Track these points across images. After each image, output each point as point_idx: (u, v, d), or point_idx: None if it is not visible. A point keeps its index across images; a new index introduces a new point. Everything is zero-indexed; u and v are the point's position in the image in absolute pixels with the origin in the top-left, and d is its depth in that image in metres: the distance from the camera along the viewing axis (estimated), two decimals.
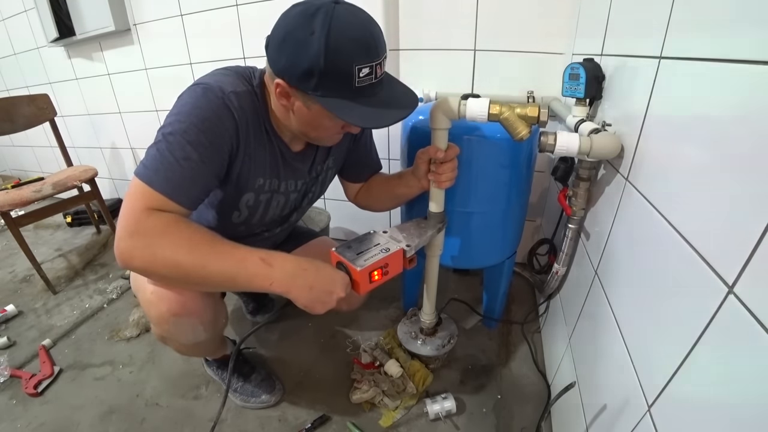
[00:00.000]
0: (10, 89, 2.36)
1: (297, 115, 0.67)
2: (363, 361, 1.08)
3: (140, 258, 0.58)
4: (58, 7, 1.74)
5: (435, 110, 0.73)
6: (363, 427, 0.93)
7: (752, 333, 0.31)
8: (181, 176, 0.61)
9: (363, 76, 0.59)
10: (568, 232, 0.86)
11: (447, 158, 0.76)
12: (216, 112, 0.63)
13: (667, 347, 0.45)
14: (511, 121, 0.68)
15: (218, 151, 0.64)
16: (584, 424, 0.68)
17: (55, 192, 1.50)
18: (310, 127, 0.69)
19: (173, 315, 0.71)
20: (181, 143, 0.60)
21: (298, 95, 0.63)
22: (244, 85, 0.68)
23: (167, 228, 0.59)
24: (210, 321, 0.79)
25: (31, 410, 1.01)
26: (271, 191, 0.79)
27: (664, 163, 0.51)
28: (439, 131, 0.75)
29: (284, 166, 0.78)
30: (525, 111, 0.67)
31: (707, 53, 0.42)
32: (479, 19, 1.18)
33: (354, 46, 0.57)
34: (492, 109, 0.68)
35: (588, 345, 0.75)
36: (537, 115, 0.66)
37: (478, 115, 0.70)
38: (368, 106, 0.62)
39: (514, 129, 0.68)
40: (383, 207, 0.99)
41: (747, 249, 0.32)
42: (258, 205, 0.79)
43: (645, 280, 0.54)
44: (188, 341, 0.80)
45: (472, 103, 0.70)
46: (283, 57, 0.60)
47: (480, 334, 1.20)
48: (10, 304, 1.39)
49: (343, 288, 0.65)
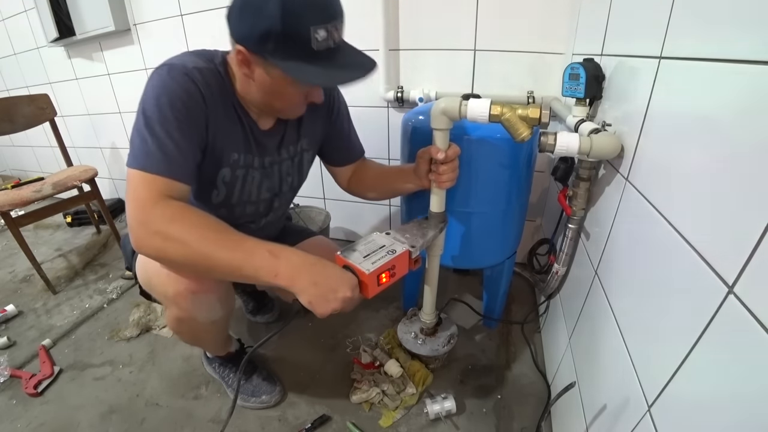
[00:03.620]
0: (10, 89, 2.36)
1: (258, 84, 0.68)
2: (363, 361, 1.08)
3: (151, 246, 0.61)
4: (58, 7, 1.74)
5: (436, 111, 0.73)
6: (363, 427, 0.93)
7: (752, 333, 0.31)
8: (170, 154, 0.63)
9: (320, 39, 0.61)
10: (568, 232, 0.87)
11: (448, 159, 0.76)
12: (183, 87, 0.65)
13: (667, 347, 0.45)
14: (513, 122, 0.68)
15: (195, 123, 0.67)
16: (584, 424, 0.68)
17: (55, 192, 1.50)
18: (273, 96, 0.70)
19: (191, 292, 0.72)
20: (160, 124, 0.62)
21: (258, 62, 0.64)
22: (206, 63, 0.69)
23: (175, 216, 0.61)
24: (224, 298, 0.81)
25: (31, 410, 1.01)
26: (246, 166, 0.79)
27: (664, 163, 0.51)
28: (440, 132, 0.75)
29: (255, 143, 0.78)
30: (526, 112, 0.67)
31: (707, 53, 0.42)
32: (479, 19, 1.18)
33: (309, 8, 0.59)
34: (493, 110, 0.68)
35: (588, 345, 0.75)
36: (538, 117, 0.66)
37: (479, 116, 0.69)
38: (325, 68, 0.63)
39: (515, 130, 0.68)
40: (377, 198, 0.99)
41: (747, 249, 0.32)
42: (235, 180, 0.79)
43: (645, 280, 0.54)
44: (206, 319, 0.80)
45: (474, 103, 0.70)
46: (243, 23, 0.62)
47: (480, 334, 1.20)
48: (10, 304, 1.39)
49: (350, 288, 0.64)
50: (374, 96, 1.37)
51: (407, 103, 1.35)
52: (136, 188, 0.62)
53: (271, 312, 1.29)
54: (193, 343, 0.96)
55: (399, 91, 1.32)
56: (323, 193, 1.69)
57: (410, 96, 1.31)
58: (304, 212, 1.58)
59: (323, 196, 1.69)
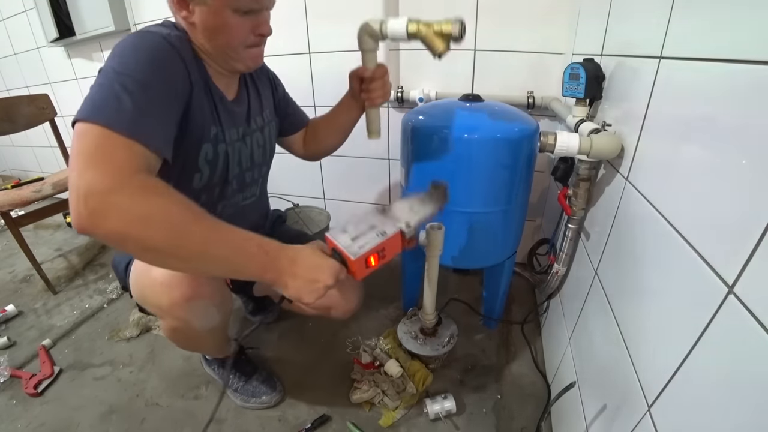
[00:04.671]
0: (10, 89, 2.36)
1: (200, 25, 0.64)
2: (363, 361, 1.08)
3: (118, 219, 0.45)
4: (58, 7, 1.74)
5: (361, 33, 0.78)
6: (363, 427, 0.93)
7: (752, 333, 0.31)
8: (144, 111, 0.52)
9: None
10: (568, 232, 0.87)
11: (376, 76, 0.81)
12: (165, 51, 0.60)
13: (667, 347, 0.45)
14: (429, 38, 0.72)
15: (174, 91, 0.60)
16: (584, 424, 0.68)
17: (55, 192, 1.50)
18: (216, 35, 0.66)
19: (186, 300, 0.70)
20: (140, 83, 0.53)
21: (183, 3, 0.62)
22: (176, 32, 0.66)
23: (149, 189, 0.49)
24: (221, 303, 0.79)
25: (31, 410, 1.01)
26: (225, 141, 0.76)
27: (664, 163, 0.51)
28: (367, 52, 0.80)
29: (225, 113, 0.76)
30: (440, 27, 0.71)
31: (707, 53, 0.42)
32: (479, 19, 1.18)
33: None
34: (410, 28, 0.73)
35: (588, 345, 0.75)
36: (450, 30, 0.70)
37: (398, 34, 0.74)
38: None
39: (432, 45, 0.72)
40: (332, 144, 1.00)
41: (747, 249, 0.32)
42: (217, 158, 0.76)
43: (645, 280, 0.54)
44: (203, 326, 0.78)
45: (392, 23, 0.75)
46: None
47: (480, 334, 1.20)
48: (10, 304, 1.39)
49: (331, 276, 0.58)
50: None
51: (407, 103, 1.35)
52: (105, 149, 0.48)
53: (270, 312, 1.29)
54: (191, 350, 0.96)
55: (399, 91, 1.32)
56: (323, 193, 1.69)
57: (410, 96, 1.31)
58: (304, 212, 1.58)
59: (323, 196, 1.69)
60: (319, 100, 1.46)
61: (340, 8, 1.27)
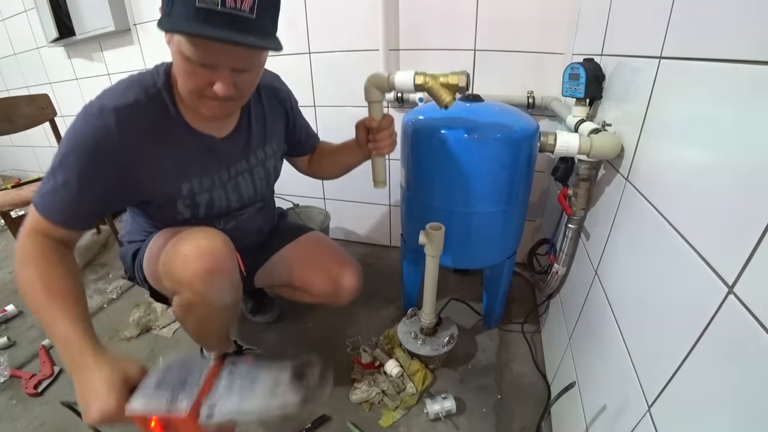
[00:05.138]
0: (10, 89, 2.36)
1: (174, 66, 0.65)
2: (363, 361, 1.08)
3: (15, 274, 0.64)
4: (58, 7, 1.74)
5: (368, 85, 0.79)
6: (363, 427, 0.93)
7: (752, 333, 0.31)
8: (62, 200, 0.65)
9: None
10: (568, 232, 0.87)
11: (382, 127, 0.82)
12: (93, 134, 0.64)
13: (667, 347, 0.45)
14: (436, 90, 0.73)
15: (100, 173, 0.66)
16: (584, 424, 0.68)
17: None
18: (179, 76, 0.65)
19: (209, 272, 0.71)
20: (63, 169, 0.64)
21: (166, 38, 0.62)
22: (139, 94, 0.67)
23: (28, 258, 0.63)
24: (236, 283, 0.81)
25: (31, 410, 1.01)
26: (208, 189, 0.79)
27: (664, 163, 0.51)
28: (373, 104, 0.81)
29: (215, 157, 0.77)
30: (447, 80, 0.72)
31: (707, 53, 0.42)
32: (479, 19, 1.18)
33: None
34: (417, 80, 0.73)
35: (588, 345, 0.75)
36: (457, 83, 0.72)
37: (405, 86, 0.75)
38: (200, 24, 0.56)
39: (439, 97, 0.73)
40: (333, 175, 1.04)
41: (747, 249, 0.32)
42: (197, 205, 0.79)
43: (645, 280, 0.54)
44: (217, 301, 0.79)
45: (400, 75, 0.75)
46: None
47: (480, 334, 1.20)
48: (10, 304, 1.39)
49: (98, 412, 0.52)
50: None
51: (407, 103, 1.35)
52: (27, 221, 0.66)
53: (270, 312, 1.29)
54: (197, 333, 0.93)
55: (399, 91, 1.32)
56: (323, 193, 1.69)
57: (410, 96, 1.31)
58: (304, 212, 1.58)
59: (323, 196, 1.69)
60: (319, 100, 1.46)
61: (340, 8, 1.28)
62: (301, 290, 1.01)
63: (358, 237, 1.77)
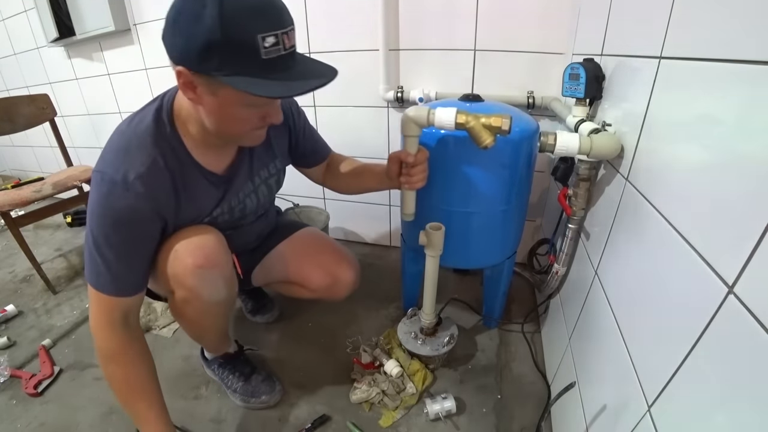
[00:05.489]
0: (10, 89, 2.36)
1: (207, 108, 0.62)
2: (363, 361, 1.08)
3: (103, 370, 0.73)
4: (58, 7, 1.74)
5: (406, 119, 0.77)
6: (363, 427, 0.93)
7: (752, 333, 0.31)
8: (118, 274, 0.68)
9: (269, 46, 0.54)
10: (568, 232, 0.86)
11: (417, 162, 0.81)
12: (128, 208, 0.65)
13: (667, 347, 0.45)
14: (477, 131, 0.72)
15: (144, 235, 0.70)
16: (584, 424, 0.68)
17: (55, 192, 1.50)
18: (226, 122, 0.64)
19: (198, 267, 0.73)
20: (109, 246, 0.66)
21: (202, 82, 0.58)
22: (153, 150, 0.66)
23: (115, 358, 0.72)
24: (229, 278, 0.82)
25: (31, 410, 1.01)
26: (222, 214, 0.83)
27: (665, 163, 0.51)
28: (410, 138, 0.80)
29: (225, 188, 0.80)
30: (489, 121, 0.71)
31: (707, 53, 0.42)
32: (479, 19, 1.18)
33: (252, 13, 0.52)
34: (458, 119, 0.72)
35: (588, 345, 0.75)
36: (500, 125, 0.71)
37: (446, 124, 0.73)
38: (280, 80, 0.56)
39: (479, 138, 0.72)
40: (350, 193, 1.04)
41: (747, 249, 0.32)
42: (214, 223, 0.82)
43: (645, 280, 0.54)
44: (211, 297, 0.80)
45: (441, 112, 0.73)
46: (179, 39, 0.55)
47: (480, 334, 1.20)
48: (10, 304, 1.39)
49: None
50: (374, 96, 1.37)
51: (407, 103, 1.35)
52: (92, 303, 0.70)
53: (270, 312, 1.29)
54: (195, 332, 0.93)
55: (399, 91, 1.32)
56: (323, 193, 1.69)
57: (410, 96, 1.31)
58: (304, 212, 1.58)
59: (323, 196, 1.69)
60: (319, 100, 1.46)
61: (340, 8, 1.28)
62: (298, 286, 1.02)
63: (358, 237, 1.77)
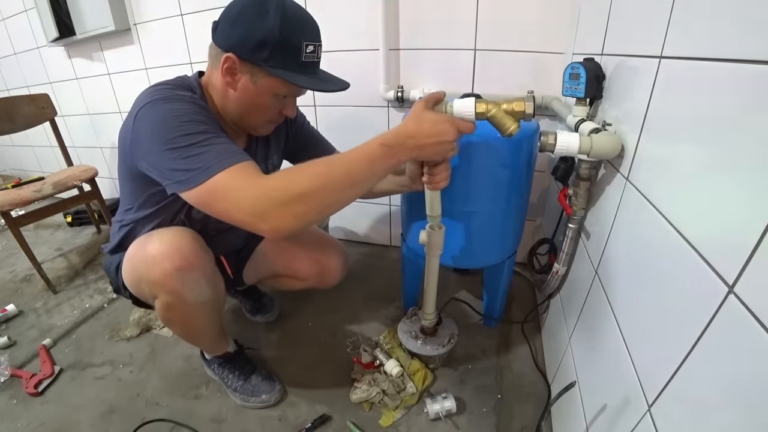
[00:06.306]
0: (10, 89, 2.36)
1: (240, 93, 0.73)
2: (363, 360, 1.08)
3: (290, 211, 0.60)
4: (58, 7, 1.74)
5: None
6: (363, 427, 0.93)
7: (752, 333, 0.31)
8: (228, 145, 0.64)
9: (308, 52, 0.69)
10: (568, 231, 0.86)
11: None
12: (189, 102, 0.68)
13: (667, 347, 0.45)
14: (499, 118, 0.67)
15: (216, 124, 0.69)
16: (584, 424, 0.68)
17: (55, 192, 1.50)
18: (250, 107, 0.75)
19: (177, 269, 0.73)
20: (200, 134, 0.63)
21: (246, 69, 0.70)
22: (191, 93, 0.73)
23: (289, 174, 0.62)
24: (211, 277, 0.82)
25: (31, 410, 1.01)
26: None
27: (665, 163, 0.51)
28: None
29: None
30: (511, 106, 0.66)
31: (707, 53, 0.42)
32: (479, 19, 1.18)
33: (304, 24, 0.69)
34: (478, 108, 0.68)
35: (588, 345, 0.75)
36: (523, 109, 0.66)
37: (465, 115, 0.69)
38: (311, 77, 0.73)
39: (502, 125, 0.67)
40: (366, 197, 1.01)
41: (747, 249, 0.32)
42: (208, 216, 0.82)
43: (645, 280, 0.54)
44: (195, 299, 0.79)
45: (459, 103, 0.69)
46: (237, 31, 0.66)
47: (480, 334, 1.20)
48: (10, 304, 1.39)
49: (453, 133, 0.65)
50: (374, 96, 1.37)
51: (407, 103, 1.35)
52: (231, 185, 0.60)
53: (270, 311, 1.29)
54: (187, 335, 0.93)
55: (399, 90, 1.32)
56: None
57: (410, 96, 1.31)
58: None
59: None
60: (319, 100, 1.46)
61: (340, 8, 1.27)
62: (288, 277, 1.04)
63: (358, 237, 1.77)
